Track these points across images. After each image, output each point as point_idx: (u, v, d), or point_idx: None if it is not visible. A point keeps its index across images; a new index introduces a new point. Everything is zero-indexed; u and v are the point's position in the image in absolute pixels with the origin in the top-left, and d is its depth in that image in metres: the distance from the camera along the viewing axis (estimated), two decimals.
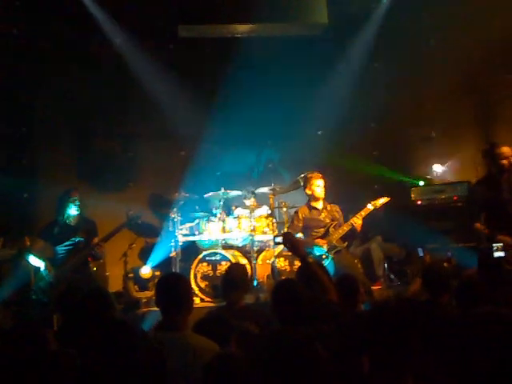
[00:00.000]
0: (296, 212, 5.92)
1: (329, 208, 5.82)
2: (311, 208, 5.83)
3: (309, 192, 5.84)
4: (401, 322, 2.11)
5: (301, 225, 5.80)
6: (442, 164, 6.50)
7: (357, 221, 5.56)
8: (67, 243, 5.27)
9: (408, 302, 3.57)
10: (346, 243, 5.77)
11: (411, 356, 2.09)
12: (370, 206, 5.59)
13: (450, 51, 6.75)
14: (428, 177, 6.69)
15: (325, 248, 5.58)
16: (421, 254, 4.14)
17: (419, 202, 6.09)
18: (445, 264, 4.42)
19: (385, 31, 6.80)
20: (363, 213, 5.58)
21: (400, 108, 7.00)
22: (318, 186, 5.77)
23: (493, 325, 2.07)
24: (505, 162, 5.03)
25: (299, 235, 5.75)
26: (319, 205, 5.82)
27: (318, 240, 5.65)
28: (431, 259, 4.07)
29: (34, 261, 5.05)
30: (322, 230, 5.73)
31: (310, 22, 6.44)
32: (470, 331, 2.14)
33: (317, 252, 5.59)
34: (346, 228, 5.61)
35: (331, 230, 5.67)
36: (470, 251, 4.63)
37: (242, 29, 6.53)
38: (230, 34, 6.65)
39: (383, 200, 5.64)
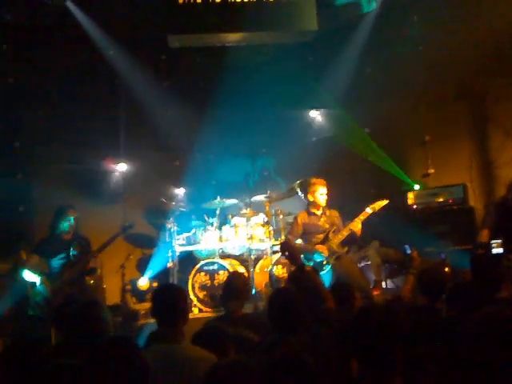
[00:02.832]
0: (295, 218, 5.85)
1: (328, 213, 5.76)
2: (310, 214, 5.75)
3: (310, 199, 5.71)
4: (386, 324, 2.13)
5: (300, 230, 5.73)
6: None
7: (356, 225, 5.50)
8: (61, 256, 5.24)
9: (405, 306, 3.57)
10: (346, 248, 5.72)
11: (399, 358, 2.10)
12: (368, 210, 5.53)
13: (442, 55, 6.76)
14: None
15: (325, 254, 5.53)
16: (408, 252, 4.17)
17: (415, 206, 6.10)
18: (445, 268, 4.42)
19: (376, 36, 6.83)
20: (362, 217, 5.51)
21: (394, 113, 7.02)
22: (322, 194, 5.68)
23: (493, 325, 2.07)
24: None
25: (299, 241, 5.71)
26: (319, 211, 5.76)
27: (318, 246, 5.57)
28: (420, 256, 4.09)
29: (30, 276, 5.02)
30: (322, 235, 5.65)
31: (300, 29, 6.45)
32: (471, 333, 2.15)
33: (317, 258, 5.54)
34: (345, 233, 5.53)
35: (331, 235, 5.60)
36: (465, 253, 4.63)
37: (233, 37, 6.54)
38: (220, 43, 6.67)
39: (381, 203, 5.59)
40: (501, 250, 4.33)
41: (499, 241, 4.39)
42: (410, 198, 6.34)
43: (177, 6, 6.19)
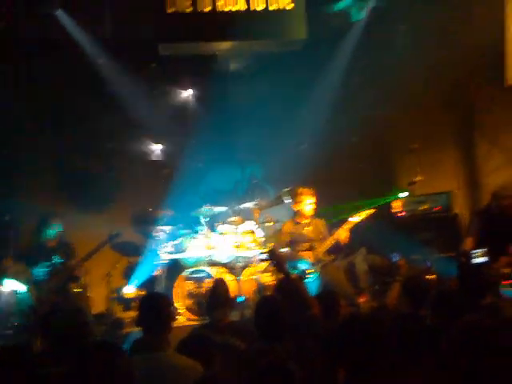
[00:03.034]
0: (282, 227, 5.94)
1: (314, 222, 5.84)
2: (296, 222, 5.85)
3: (297, 208, 5.80)
4: (371, 333, 2.15)
5: (287, 239, 5.81)
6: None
7: (342, 234, 5.57)
8: (45, 264, 5.22)
9: (390, 314, 3.59)
10: (333, 257, 5.78)
11: (384, 366, 2.12)
12: (354, 219, 5.62)
13: (430, 64, 6.85)
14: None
15: (311, 262, 5.59)
16: (395, 259, 4.22)
17: (401, 214, 6.15)
18: (427, 276, 4.46)
19: (365, 45, 6.90)
20: (348, 225, 5.60)
21: (382, 120, 7.08)
22: (308, 204, 5.75)
23: (475, 333, 2.10)
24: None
25: (285, 249, 5.75)
26: (305, 220, 5.83)
27: (304, 254, 5.65)
28: (407, 264, 4.15)
29: (14, 284, 4.98)
30: (308, 244, 5.73)
31: (289, 38, 6.51)
32: (454, 341, 2.17)
33: (303, 266, 5.60)
34: (330, 242, 5.62)
35: (316, 244, 5.68)
36: (451, 261, 4.68)
37: (222, 46, 6.59)
38: (210, 52, 6.72)
39: (367, 212, 5.66)
40: (484, 259, 4.38)
41: (482, 250, 4.44)
42: (397, 205, 6.39)
43: (166, 14, 6.23)
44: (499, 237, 5.02)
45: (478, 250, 4.48)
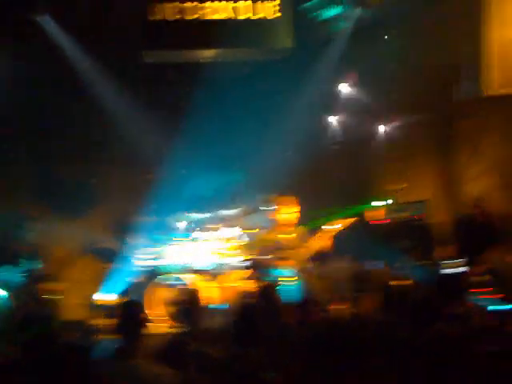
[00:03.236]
0: (264, 234, 5.96)
1: (296, 230, 5.88)
2: (278, 230, 5.87)
3: (278, 216, 5.86)
4: (350, 339, 2.16)
5: (268, 246, 5.82)
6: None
7: (323, 242, 5.62)
8: (20, 269, 5.17)
9: (369, 321, 3.60)
10: (313, 264, 5.82)
11: (362, 372, 2.13)
12: (334, 227, 5.66)
13: (409, 74, 6.93)
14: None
15: (292, 269, 5.61)
16: (377, 267, 4.29)
17: (382, 222, 6.21)
18: (407, 283, 4.50)
19: (348, 55, 6.96)
20: (328, 234, 5.65)
21: (362, 129, 7.14)
22: (289, 213, 5.82)
23: (438, 342, 2.12)
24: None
25: (267, 257, 5.77)
26: (287, 228, 5.87)
27: (286, 261, 5.67)
28: (388, 271, 4.21)
29: None
30: (289, 251, 5.77)
31: (274, 46, 6.54)
32: (426, 348, 2.19)
33: (284, 273, 5.61)
34: (312, 249, 5.66)
35: (298, 251, 5.71)
36: (429, 268, 4.72)
37: (207, 54, 6.60)
38: (194, 59, 6.72)
39: (348, 220, 5.72)
40: (463, 269, 4.44)
41: (460, 259, 4.52)
42: (379, 213, 6.44)
43: (152, 21, 6.22)
44: (479, 245, 5.07)
45: (456, 260, 4.54)
